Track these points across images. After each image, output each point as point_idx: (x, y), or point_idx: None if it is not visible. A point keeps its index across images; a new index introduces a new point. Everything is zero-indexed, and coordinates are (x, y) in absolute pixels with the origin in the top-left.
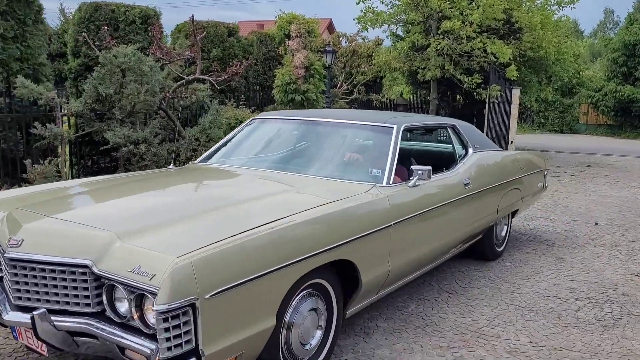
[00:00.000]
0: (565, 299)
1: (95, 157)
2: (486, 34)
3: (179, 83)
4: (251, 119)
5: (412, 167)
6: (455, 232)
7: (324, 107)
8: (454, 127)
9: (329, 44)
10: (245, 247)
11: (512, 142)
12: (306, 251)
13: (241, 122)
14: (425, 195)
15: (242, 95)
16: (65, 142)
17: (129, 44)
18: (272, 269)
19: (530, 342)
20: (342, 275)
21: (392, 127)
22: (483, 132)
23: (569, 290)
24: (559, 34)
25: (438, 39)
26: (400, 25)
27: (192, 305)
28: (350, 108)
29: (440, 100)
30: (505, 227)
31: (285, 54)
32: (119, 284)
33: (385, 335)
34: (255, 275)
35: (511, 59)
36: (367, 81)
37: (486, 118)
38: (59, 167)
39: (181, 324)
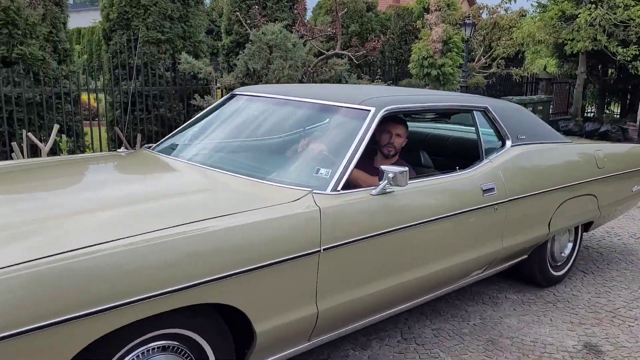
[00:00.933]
0: None
1: None
2: None
3: (319, 58)
4: (230, 93)
5: (382, 167)
6: (459, 256)
7: (459, 82)
8: (485, 111)
9: (469, 17)
10: (36, 278)
11: None
12: (138, 290)
13: None
14: (397, 208)
15: (378, 70)
16: None
17: (276, 22)
18: (68, 316)
19: None
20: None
21: (368, 111)
22: (639, 111)
23: None
24: None
25: (590, 7)
26: None
27: None
28: (487, 82)
29: (589, 74)
30: (570, 244)
31: (422, 27)
32: None
33: (514, 306)
34: (42, 324)
35: None
36: (508, 54)
37: None
38: None
39: None
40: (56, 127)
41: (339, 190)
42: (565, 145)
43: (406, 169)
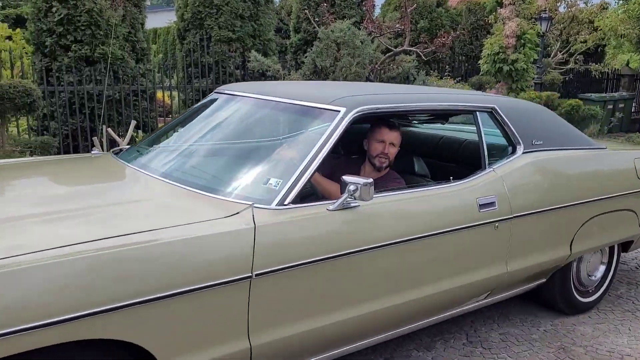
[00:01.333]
0: None
1: None
2: None
3: (387, 55)
4: (214, 91)
5: (343, 177)
6: (445, 282)
7: (533, 78)
8: (493, 112)
9: (545, 10)
10: None
11: None
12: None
13: None
14: (362, 226)
15: (447, 66)
16: None
17: (344, 19)
18: None
19: None
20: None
21: (337, 112)
22: None
23: None
24: None
25: None
26: None
27: None
28: (564, 79)
29: None
30: (603, 266)
31: (495, 22)
32: None
33: (588, 313)
34: None
35: None
36: (587, 49)
37: None
38: None
39: None
40: (133, 122)
41: (286, 205)
42: (596, 153)
43: (371, 180)
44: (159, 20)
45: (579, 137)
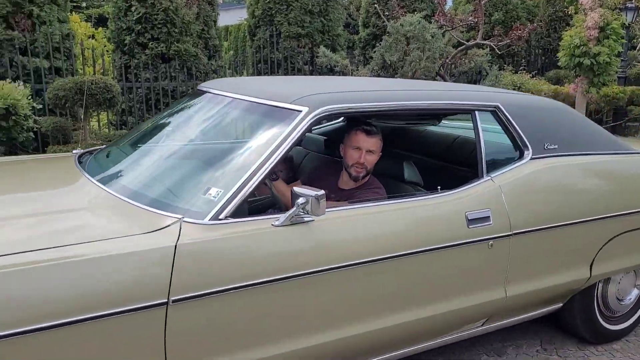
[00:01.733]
0: None
1: None
2: None
3: (458, 49)
4: (198, 87)
5: (295, 189)
6: (422, 310)
7: (617, 72)
8: (496, 111)
9: (631, 0)
10: None
11: None
12: None
13: (519, 88)
14: (315, 245)
15: (522, 60)
16: None
17: (415, 13)
18: None
19: None
20: None
21: (298, 112)
22: None
23: None
24: None
25: None
26: None
27: None
28: None
29: None
30: (637, 290)
31: (575, 13)
32: None
33: None
34: None
35: None
36: None
37: None
38: None
39: None
40: None
41: (221, 219)
42: (627, 159)
43: (322, 192)
44: (231, 17)
45: (609, 141)
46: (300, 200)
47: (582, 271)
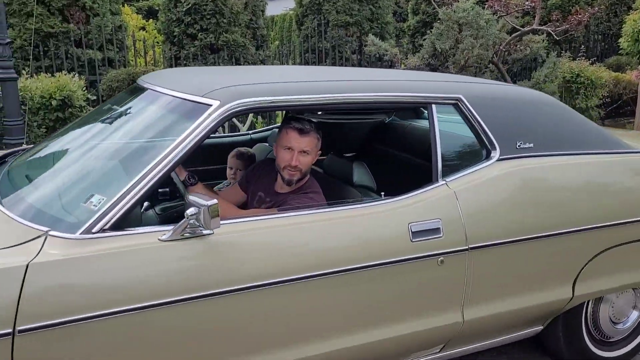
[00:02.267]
0: None
1: None
2: None
3: (513, 36)
4: (138, 80)
5: (189, 196)
6: (345, 338)
7: None
8: (459, 104)
9: None
10: None
11: None
12: None
13: (577, 76)
14: (209, 264)
15: (581, 46)
16: None
17: None
18: None
19: None
20: None
21: (208, 106)
22: None
23: None
24: None
25: None
26: None
27: None
28: None
29: None
30: (637, 312)
31: None
32: None
33: None
34: None
35: None
36: None
37: None
38: None
39: None
40: None
41: (95, 232)
42: (623, 160)
43: (214, 201)
44: (276, 7)
45: (601, 139)
46: (190, 210)
47: (562, 291)
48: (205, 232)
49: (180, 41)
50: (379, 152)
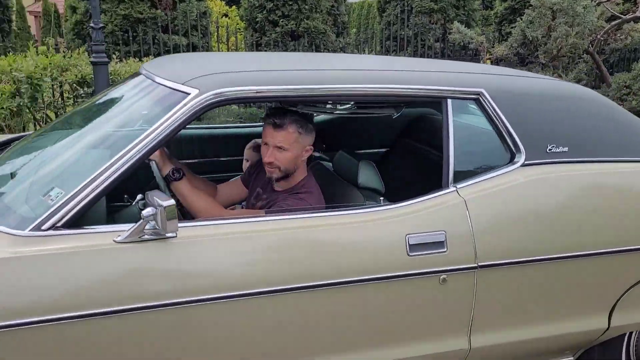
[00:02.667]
0: None
1: None
2: None
3: (612, 24)
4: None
5: (148, 192)
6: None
7: None
8: (479, 99)
9: None
10: None
11: None
12: None
13: None
14: (170, 270)
15: None
16: None
17: None
18: None
19: None
20: None
21: (186, 95)
22: None
23: None
24: None
25: None
26: None
27: None
28: None
29: None
30: None
31: None
32: None
33: None
34: None
35: None
36: None
37: None
38: None
39: None
40: None
41: (46, 229)
42: None
43: (172, 202)
44: None
45: None
46: (146, 211)
47: (596, 321)
48: (168, 235)
49: (262, 27)
50: (411, 148)
